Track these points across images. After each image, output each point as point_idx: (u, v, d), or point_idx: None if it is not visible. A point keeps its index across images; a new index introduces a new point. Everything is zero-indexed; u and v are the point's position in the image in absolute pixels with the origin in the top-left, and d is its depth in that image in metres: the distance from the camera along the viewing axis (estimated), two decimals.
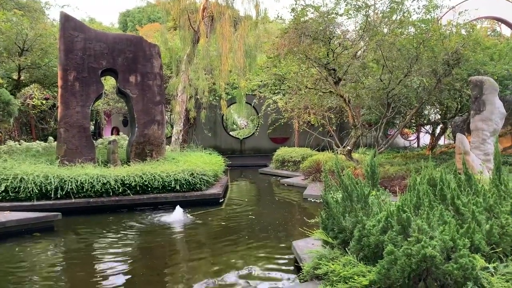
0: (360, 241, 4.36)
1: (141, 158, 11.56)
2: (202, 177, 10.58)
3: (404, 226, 4.01)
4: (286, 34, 10.11)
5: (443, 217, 4.11)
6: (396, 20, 10.22)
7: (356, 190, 4.97)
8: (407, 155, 14.61)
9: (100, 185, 9.30)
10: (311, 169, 12.94)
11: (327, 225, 5.04)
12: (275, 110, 16.56)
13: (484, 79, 10.36)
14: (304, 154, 15.46)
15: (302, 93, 12.23)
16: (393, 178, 10.17)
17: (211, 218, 8.69)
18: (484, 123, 10.51)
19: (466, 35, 9.88)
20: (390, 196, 5.91)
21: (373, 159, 6.00)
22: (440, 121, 14.85)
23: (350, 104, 11.29)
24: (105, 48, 11.45)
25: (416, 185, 4.93)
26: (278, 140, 22.20)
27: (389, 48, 9.54)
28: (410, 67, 9.88)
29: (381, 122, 11.42)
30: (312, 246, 5.56)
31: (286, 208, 9.95)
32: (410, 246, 3.69)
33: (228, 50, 13.66)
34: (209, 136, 20.82)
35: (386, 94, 10.68)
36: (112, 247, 6.64)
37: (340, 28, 10.10)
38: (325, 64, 10.41)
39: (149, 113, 11.94)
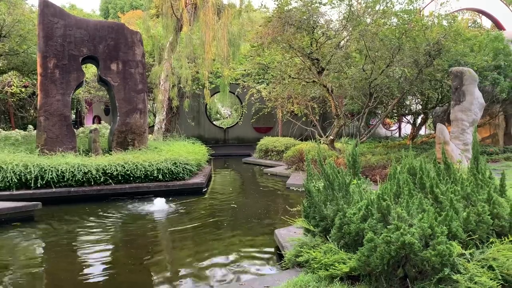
0: (341, 229, 4.42)
1: (123, 147, 11.44)
2: (185, 166, 10.54)
3: (384, 214, 4.08)
4: (269, 23, 10.06)
5: (422, 205, 4.19)
6: (379, 10, 10.26)
7: (337, 179, 5.02)
8: (389, 145, 14.81)
9: (81, 174, 9.20)
10: (294, 159, 13.01)
11: (308, 213, 5.09)
12: (259, 99, 16.55)
13: (464, 70, 10.53)
14: (288, 144, 15.52)
15: (285, 82, 12.23)
16: (374, 167, 10.30)
17: (194, 207, 8.69)
18: (464, 114, 10.70)
19: (447, 26, 10.00)
20: (371, 185, 5.99)
21: (354, 148, 6.06)
22: (421, 111, 15.06)
23: (333, 94, 11.34)
24: (85, 35, 11.22)
25: (396, 174, 5.01)
26: (261, 130, 22.22)
27: (371, 38, 9.59)
28: (392, 57, 9.96)
29: (363, 112, 11.52)
30: (294, 234, 5.62)
31: (269, 197, 10.00)
32: (390, 233, 3.75)
33: (212, 39, 13.53)
34: (193, 125, 20.70)
35: (368, 84, 10.76)
36: (93, 236, 6.59)
37: (323, 17, 10.08)
38: (309, 53, 10.42)
39: (131, 101, 11.79)
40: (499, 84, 11.63)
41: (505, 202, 4.61)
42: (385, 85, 11.03)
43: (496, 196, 4.50)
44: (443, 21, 10.74)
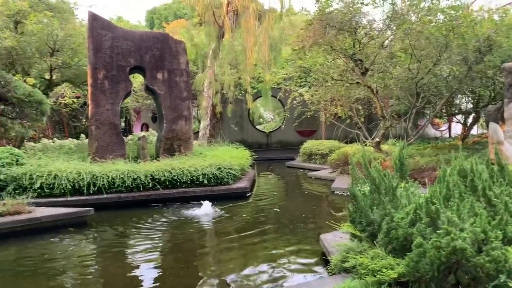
0: (389, 233, 4.31)
1: (170, 153, 11.75)
2: (229, 171, 10.66)
3: (433, 218, 3.94)
4: (310, 26, 10.01)
5: (474, 209, 4.01)
6: (424, 7, 9.95)
7: (384, 182, 4.91)
8: (438, 146, 14.27)
9: (130, 180, 9.52)
10: (339, 162, 12.81)
11: (354, 218, 5.00)
12: (301, 103, 16.47)
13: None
14: (332, 147, 15.31)
15: (328, 84, 12.12)
16: (423, 170, 9.96)
17: (239, 212, 8.76)
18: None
19: (498, 21, 9.52)
20: (420, 188, 5.79)
21: (402, 150, 5.90)
22: (472, 110, 14.41)
23: (378, 95, 11.11)
24: (132, 46, 11.66)
25: (446, 176, 4.82)
26: (305, 133, 22.07)
27: (417, 36, 9.30)
28: (439, 55, 9.61)
29: (411, 113, 11.18)
30: (340, 239, 5.53)
31: (314, 201, 9.92)
32: (440, 238, 3.62)
33: (253, 44, 13.65)
34: (236, 130, 20.91)
35: (415, 84, 10.45)
36: (142, 240, 6.81)
37: (366, 18, 9.91)
38: (352, 54, 10.27)
39: (176, 109, 12.10)
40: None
41: None
42: (432, 85, 10.67)
43: None
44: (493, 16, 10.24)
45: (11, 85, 9.59)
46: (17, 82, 10.02)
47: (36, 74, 14.59)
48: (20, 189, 8.85)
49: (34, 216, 7.37)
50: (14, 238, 6.83)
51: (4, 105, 9.90)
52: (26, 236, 6.97)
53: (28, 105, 9.95)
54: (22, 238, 6.87)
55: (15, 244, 6.61)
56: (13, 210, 7.27)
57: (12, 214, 7.24)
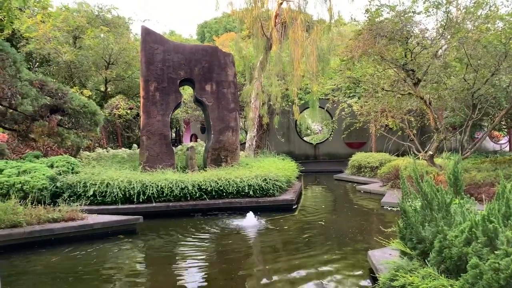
0: (441, 252, 4.07)
1: (217, 164, 11.89)
2: (275, 182, 10.60)
3: (490, 237, 3.67)
4: (360, 36, 9.83)
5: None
6: (481, 15, 9.49)
7: (436, 198, 4.66)
8: (497, 160, 13.46)
9: (178, 190, 9.71)
10: (390, 175, 12.40)
11: (404, 234, 4.77)
12: (350, 114, 16.16)
13: None
14: (382, 160, 14.86)
15: (378, 95, 11.80)
16: (480, 185, 9.41)
17: (284, 224, 8.66)
18: None
19: None
20: (476, 204, 5.45)
21: (456, 164, 5.59)
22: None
23: (431, 106, 10.67)
24: (182, 59, 11.98)
25: (505, 192, 4.50)
26: (353, 145, 21.63)
27: (473, 45, 8.86)
28: (498, 65, 9.09)
29: (466, 125, 10.64)
30: (389, 256, 5.30)
31: (362, 216, 9.62)
32: (498, 259, 3.36)
33: (300, 55, 13.61)
34: (282, 141, 20.86)
35: (471, 95, 9.94)
36: (189, 250, 6.88)
37: (418, 26, 9.59)
38: (403, 64, 9.95)
39: (223, 120, 12.26)
40: None
41: None
42: (490, 95, 10.10)
43: None
44: None
45: (67, 97, 10.11)
46: (72, 93, 10.57)
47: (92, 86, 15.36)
48: (75, 196, 9.27)
49: (87, 223, 7.67)
50: (68, 243, 7.12)
51: (61, 115, 10.45)
52: (79, 241, 7.26)
53: (83, 116, 10.45)
54: (75, 243, 7.16)
55: (68, 249, 6.89)
56: (67, 216, 7.61)
57: (67, 220, 7.57)
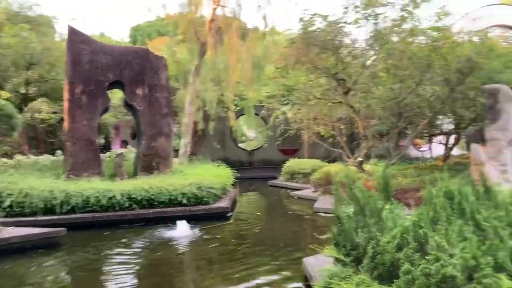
0: (374, 258, 4.09)
1: (149, 171, 11.40)
2: (210, 190, 10.36)
3: (421, 243, 3.74)
4: (294, 44, 9.96)
5: (463, 233, 3.84)
6: (406, 28, 10.00)
7: (369, 203, 4.72)
8: (420, 166, 14.26)
9: (106, 199, 9.15)
10: (322, 181, 12.65)
11: (339, 241, 4.77)
12: (284, 121, 16.35)
13: (499, 87, 10.04)
14: (314, 166, 15.16)
15: (311, 103, 12.02)
16: (406, 190, 9.84)
17: (219, 233, 8.46)
18: (500, 133, 10.17)
19: (479, 42, 9.62)
20: (404, 209, 5.63)
21: (386, 170, 5.74)
22: (453, 131, 14.49)
23: (360, 115, 11.04)
24: (111, 60, 11.40)
25: (432, 198, 4.66)
26: (287, 152, 21.91)
27: (400, 56, 9.31)
28: (422, 76, 9.63)
29: (393, 133, 11.13)
30: (323, 263, 5.29)
31: (296, 222, 9.68)
32: (429, 264, 3.42)
33: (236, 62, 13.54)
34: (218, 148, 20.63)
35: (397, 104, 10.43)
36: (117, 264, 6.44)
37: (349, 37, 9.92)
38: (334, 74, 10.22)
39: (156, 125, 11.81)
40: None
41: None
42: (415, 105, 10.67)
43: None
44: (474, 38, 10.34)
45: None
46: None
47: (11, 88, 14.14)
48: None
49: (2, 237, 6.94)
50: None
51: None
52: None
53: None
54: None
55: None
56: None
57: None
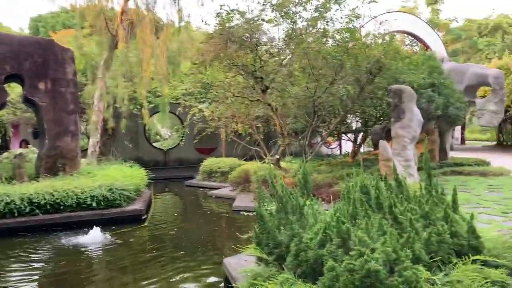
0: (298, 256, 4.04)
1: (53, 173, 10.42)
2: (122, 192, 9.74)
3: (344, 238, 3.76)
4: (211, 40, 9.73)
5: (383, 227, 3.93)
6: (319, 29, 10.28)
7: (290, 200, 4.68)
8: (331, 163, 14.86)
9: (2, 205, 8.18)
10: (240, 180, 12.61)
11: (261, 240, 4.66)
12: (201, 119, 16.04)
13: (403, 87, 10.78)
14: (232, 164, 15.09)
15: (229, 101, 11.90)
16: (320, 186, 10.14)
17: (133, 237, 7.98)
18: (404, 130, 10.92)
19: (386, 45, 10.19)
20: (322, 205, 5.71)
21: (305, 166, 5.78)
22: (361, 129, 15.31)
23: (277, 113, 11.16)
24: (9, 51, 10.22)
25: (350, 193, 4.75)
26: (204, 151, 21.63)
27: (315, 56, 9.54)
28: (335, 75, 9.97)
29: (308, 131, 11.42)
30: (245, 263, 5.18)
31: (215, 222, 9.49)
32: (352, 260, 3.43)
33: (150, 56, 12.94)
34: (130, 147, 19.67)
35: (312, 103, 10.69)
36: (18, 276, 5.72)
37: (266, 35, 9.94)
38: (252, 71, 10.18)
39: (61, 123, 10.84)
40: (434, 101, 12.05)
41: (460, 220, 4.49)
42: (328, 104, 11.03)
43: (452, 214, 4.37)
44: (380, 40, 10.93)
45: None
46: None
47: None
48: None
49: None
50: None
51: None
52: None
53: None
54: None
55: None
56: None
57: None
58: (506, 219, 6.72)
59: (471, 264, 3.79)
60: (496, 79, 17.54)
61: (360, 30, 10.78)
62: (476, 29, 40.75)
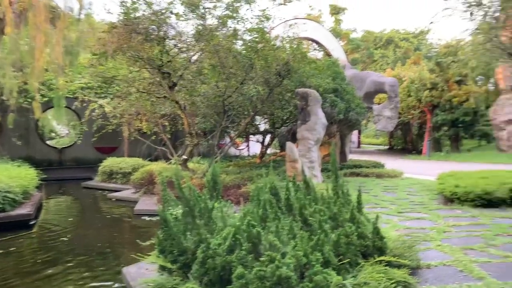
0: (204, 263, 3.76)
1: None
2: (7, 194, 8.63)
3: (254, 243, 3.56)
4: (114, 30, 9.00)
5: (293, 230, 3.82)
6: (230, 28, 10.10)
7: (199, 203, 4.37)
8: (240, 164, 14.81)
9: None
10: (143, 181, 11.96)
11: (165, 246, 4.29)
12: (102, 115, 14.95)
13: (309, 91, 11.06)
14: (135, 165, 14.34)
15: (132, 97, 11.17)
16: (229, 187, 9.96)
17: (19, 245, 7.05)
18: (309, 133, 11.22)
19: (295, 48, 10.35)
20: (232, 207, 5.50)
21: (215, 168, 5.52)
22: (269, 130, 15.49)
23: (185, 111, 10.74)
24: None
25: (259, 195, 4.60)
26: (105, 150, 20.31)
27: (225, 54, 9.32)
28: (245, 75, 9.85)
29: (217, 131, 11.18)
30: (146, 271, 4.77)
31: (115, 227, 8.80)
32: (263, 267, 3.25)
33: (44, 44, 11.65)
34: (19, 145, 17.71)
35: (222, 102, 10.47)
36: None
37: (175, 29, 9.48)
38: (159, 66, 9.64)
39: None
40: (337, 105, 12.57)
41: (365, 220, 4.56)
42: (238, 104, 10.89)
43: (358, 215, 4.41)
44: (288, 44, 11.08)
45: None
46: None
47: None
48: None
49: None
50: None
51: None
52: None
53: None
54: None
55: None
56: None
57: None
58: (402, 218, 7.10)
59: (376, 265, 3.83)
60: (392, 87, 18.93)
61: (271, 32, 10.80)
62: (372, 41, 44.07)
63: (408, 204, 8.44)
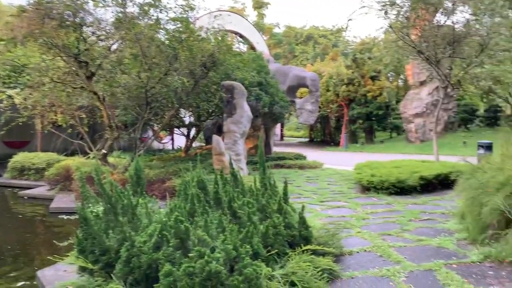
0: (129, 262, 3.59)
1: None
2: None
3: (182, 239, 3.47)
4: (24, 14, 8.24)
5: (222, 224, 3.78)
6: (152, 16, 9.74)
7: (121, 199, 4.16)
8: (164, 158, 14.48)
9: None
10: (59, 177, 11.25)
11: (84, 246, 4.02)
12: (11, 107, 13.72)
13: (235, 84, 11.06)
14: (50, 160, 13.46)
15: (46, 88, 10.35)
16: (153, 182, 9.67)
17: None
18: (235, 126, 11.25)
19: (220, 40, 10.27)
20: (157, 203, 5.32)
21: (138, 162, 5.30)
22: (195, 123, 15.29)
23: (104, 103, 10.19)
24: None
25: (187, 189, 4.50)
26: (15, 145, 18.71)
27: (148, 43, 8.97)
28: (169, 65, 9.58)
29: (140, 123, 10.77)
30: (64, 274, 4.47)
31: (28, 227, 8.16)
32: (192, 262, 3.17)
33: None
34: None
35: (144, 93, 10.09)
36: None
37: (93, 15, 8.91)
38: (75, 54, 9.03)
39: None
40: (262, 99, 12.73)
41: (291, 211, 4.66)
42: (161, 95, 10.57)
43: (285, 206, 4.49)
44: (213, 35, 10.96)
45: None
46: None
47: None
48: None
49: None
50: None
51: None
52: None
53: None
54: None
55: None
56: None
57: None
58: (324, 207, 7.40)
59: (303, 255, 3.93)
60: (313, 81, 19.65)
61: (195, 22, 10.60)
62: (294, 37, 45.27)
63: (329, 193, 8.81)
